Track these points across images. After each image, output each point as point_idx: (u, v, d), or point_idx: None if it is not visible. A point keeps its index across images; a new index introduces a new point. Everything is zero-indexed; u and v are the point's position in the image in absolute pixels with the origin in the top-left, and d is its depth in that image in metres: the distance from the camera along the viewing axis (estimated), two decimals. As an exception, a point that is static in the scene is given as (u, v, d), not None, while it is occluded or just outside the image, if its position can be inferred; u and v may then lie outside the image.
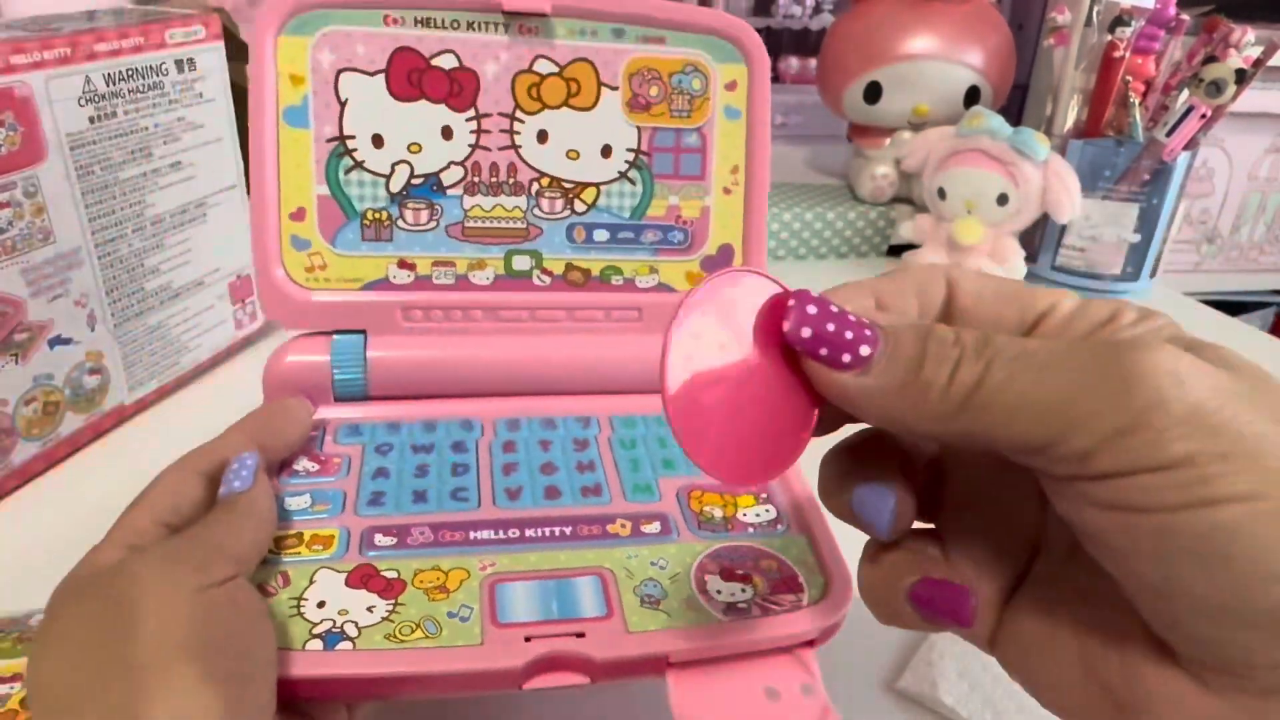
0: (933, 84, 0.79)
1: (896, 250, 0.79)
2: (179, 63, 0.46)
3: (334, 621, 0.24)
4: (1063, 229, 0.72)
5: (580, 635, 0.24)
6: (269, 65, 0.30)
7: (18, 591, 0.35)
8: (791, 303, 0.18)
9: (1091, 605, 0.19)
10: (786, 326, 0.18)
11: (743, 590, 0.26)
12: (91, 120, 0.42)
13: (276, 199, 0.31)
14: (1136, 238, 0.71)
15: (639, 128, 0.33)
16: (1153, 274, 0.74)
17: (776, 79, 1.08)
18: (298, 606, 0.24)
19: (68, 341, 0.42)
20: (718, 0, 0.99)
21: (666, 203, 0.34)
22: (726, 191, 0.34)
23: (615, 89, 0.33)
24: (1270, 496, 0.15)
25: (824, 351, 0.18)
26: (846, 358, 0.18)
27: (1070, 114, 0.73)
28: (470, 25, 0.31)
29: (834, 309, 0.18)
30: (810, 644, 0.26)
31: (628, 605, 0.25)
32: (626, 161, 0.33)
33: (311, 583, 0.25)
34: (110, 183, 0.43)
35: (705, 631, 0.25)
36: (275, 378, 0.32)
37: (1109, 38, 0.68)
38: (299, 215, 0.32)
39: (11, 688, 0.29)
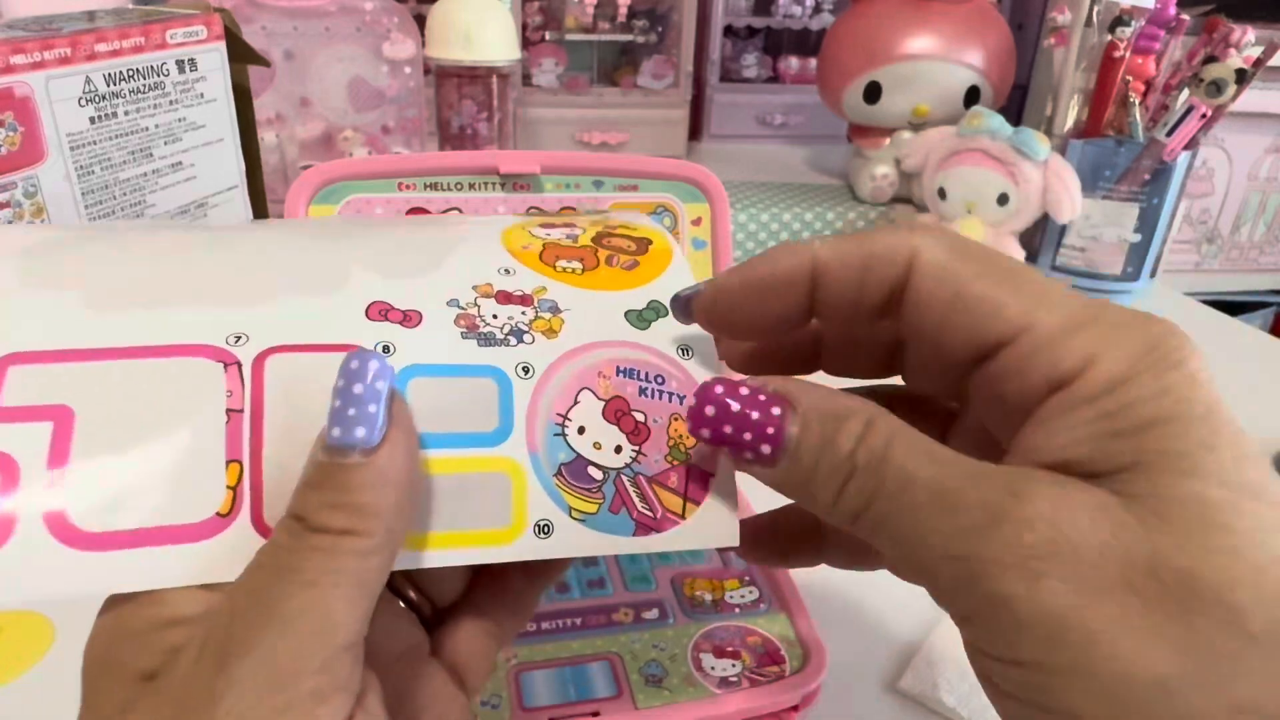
0: (932, 84, 0.79)
1: (897, 250, 0.79)
2: (180, 63, 0.46)
3: None
4: (1063, 229, 0.72)
5: (595, 715, 0.29)
6: None
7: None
8: (691, 401, 0.18)
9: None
10: (688, 427, 0.18)
11: (733, 665, 0.31)
12: (92, 120, 0.42)
13: None
14: (1137, 237, 0.71)
15: None
16: (1153, 274, 0.74)
17: (776, 79, 1.08)
18: None
19: (68, 342, 0.42)
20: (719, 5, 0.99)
21: None
22: None
23: None
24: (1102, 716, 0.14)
25: (729, 450, 0.18)
26: (749, 455, 0.17)
27: (1070, 114, 0.73)
28: (472, 186, 0.36)
29: (734, 407, 0.17)
30: (794, 709, 0.30)
31: (635, 685, 0.30)
32: None
33: None
34: (110, 183, 0.43)
35: (703, 705, 0.29)
36: None
37: (1109, 38, 0.68)
38: None
39: (573, 230, 0.25)
